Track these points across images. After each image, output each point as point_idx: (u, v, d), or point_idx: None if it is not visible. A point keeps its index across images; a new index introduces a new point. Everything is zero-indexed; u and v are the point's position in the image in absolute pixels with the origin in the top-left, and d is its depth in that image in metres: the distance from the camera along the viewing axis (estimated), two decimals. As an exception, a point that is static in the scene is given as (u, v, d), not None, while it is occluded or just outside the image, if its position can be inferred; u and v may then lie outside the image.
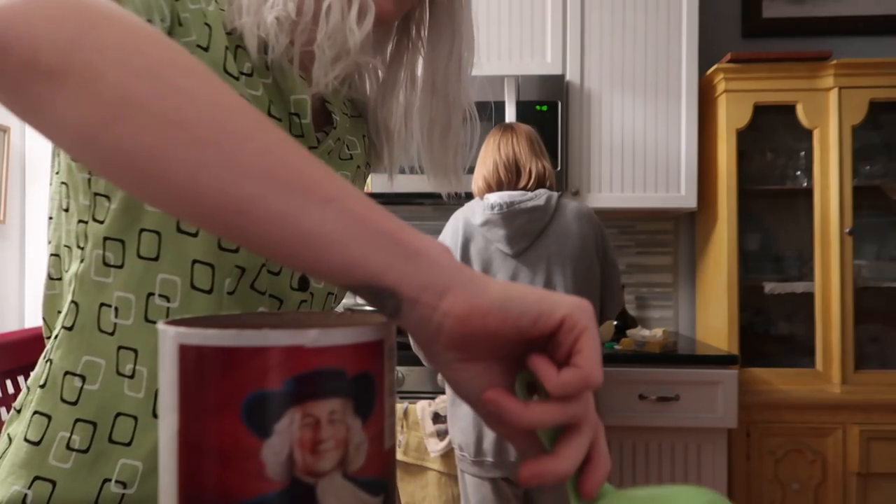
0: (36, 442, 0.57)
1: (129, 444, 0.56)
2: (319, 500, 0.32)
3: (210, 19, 0.57)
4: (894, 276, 2.35)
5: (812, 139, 2.28)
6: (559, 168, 2.29)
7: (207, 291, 0.58)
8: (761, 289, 2.37)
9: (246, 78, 0.59)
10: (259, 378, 0.31)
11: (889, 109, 2.37)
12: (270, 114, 0.61)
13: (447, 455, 1.91)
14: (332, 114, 0.68)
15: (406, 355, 2.01)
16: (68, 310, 0.58)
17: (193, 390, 0.31)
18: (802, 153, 2.42)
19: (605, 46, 2.38)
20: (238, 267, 0.59)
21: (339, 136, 0.68)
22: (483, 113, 2.21)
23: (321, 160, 0.43)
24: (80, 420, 0.56)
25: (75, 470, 0.56)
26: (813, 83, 2.25)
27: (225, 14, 0.59)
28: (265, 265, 0.61)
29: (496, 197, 1.66)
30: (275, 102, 0.62)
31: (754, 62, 2.25)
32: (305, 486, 0.31)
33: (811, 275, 2.32)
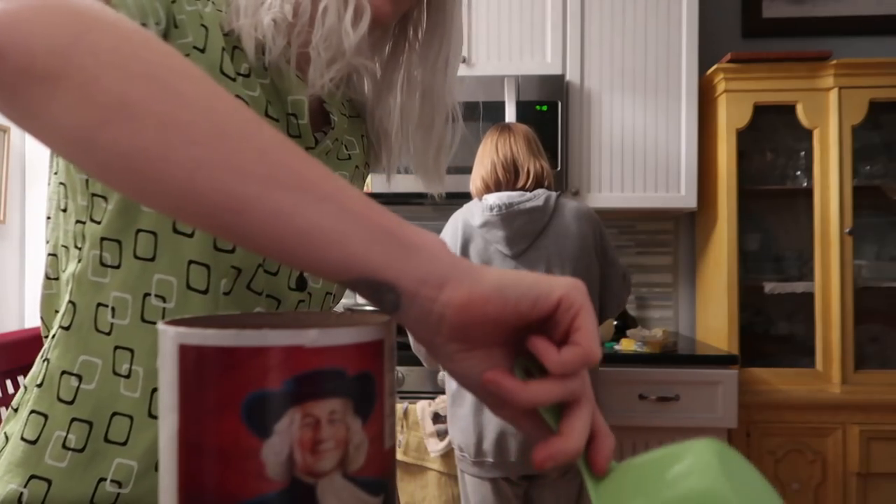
0: (32, 441, 0.57)
1: (124, 443, 0.57)
2: (319, 500, 0.32)
3: (206, 21, 0.57)
4: (894, 276, 2.35)
5: (812, 139, 2.28)
6: (559, 168, 2.29)
7: (203, 292, 0.58)
8: (761, 289, 2.37)
9: (243, 79, 0.59)
10: (259, 378, 0.31)
11: (889, 109, 2.37)
12: (268, 114, 0.61)
13: (447, 455, 1.91)
14: (330, 114, 0.68)
15: (406, 355, 2.01)
16: (65, 310, 0.58)
17: (193, 390, 0.31)
18: (802, 153, 2.42)
19: (605, 46, 2.38)
20: (234, 267, 0.59)
21: (337, 137, 0.69)
22: (473, 112, 2.21)
23: (319, 160, 0.44)
24: (76, 419, 0.56)
25: (71, 469, 0.56)
26: (813, 83, 2.25)
27: (223, 16, 0.59)
28: (261, 265, 0.61)
29: (495, 198, 1.66)
30: (272, 103, 0.62)
31: (754, 62, 2.25)
32: (305, 486, 0.31)
33: (811, 275, 2.32)
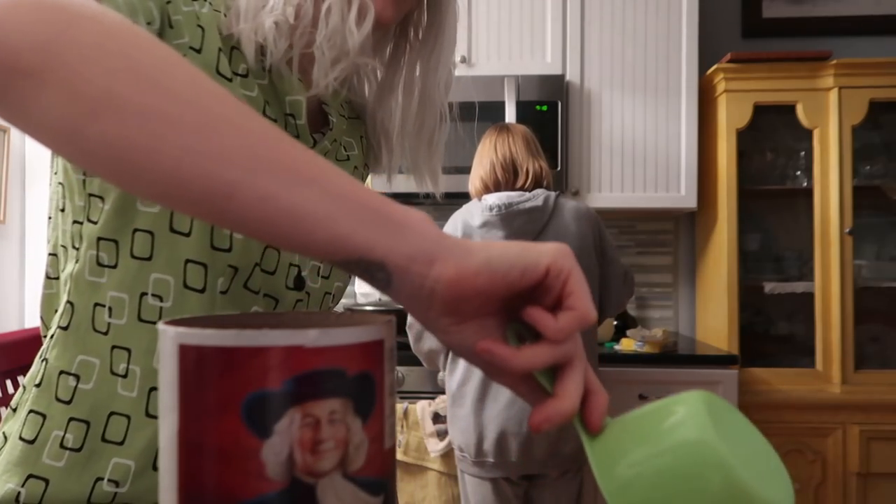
0: (30, 440, 0.57)
1: (121, 443, 0.57)
2: (319, 501, 0.32)
3: (203, 21, 0.57)
4: (894, 276, 2.35)
5: (812, 139, 2.28)
6: (559, 168, 2.29)
7: (200, 291, 0.58)
8: (761, 289, 2.37)
9: (241, 79, 0.59)
10: (259, 378, 0.31)
11: (889, 109, 2.37)
12: (266, 114, 0.61)
13: (447, 455, 1.91)
14: (328, 115, 0.69)
15: (406, 355, 2.01)
16: (64, 309, 0.58)
17: (193, 390, 0.31)
18: (802, 153, 2.42)
19: (605, 46, 2.38)
20: (231, 266, 0.59)
21: (335, 138, 0.69)
22: (471, 113, 2.21)
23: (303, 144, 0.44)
24: (73, 419, 0.57)
25: (68, 468, 0.56)
26: (813, 83, 2.25)
27: (221, 19, 0.59)
28: (258, 264, 0.61)
29: (494, 198, 1.66)
30: (270, 103, 0.62)
31: (754, 62, 2.25)
32: (305, 486, 0.31)
33: (811, 275, 2.32)
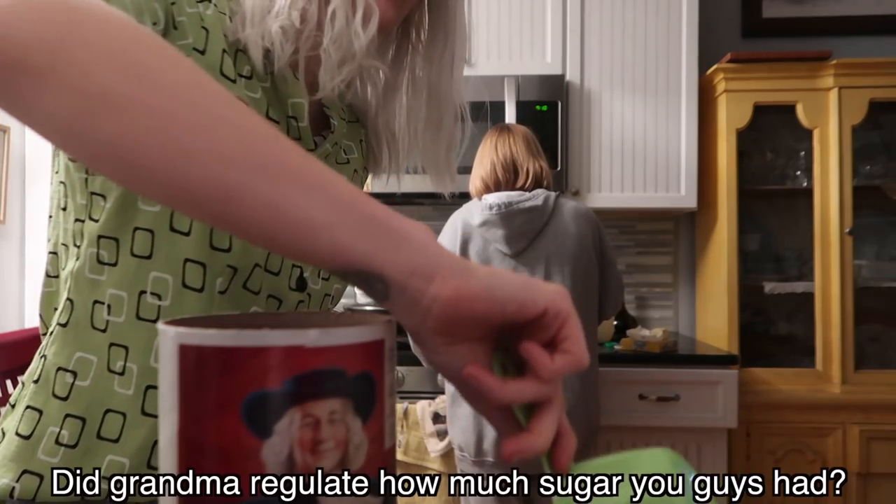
0: (26, 436, 0.57)
1: (116, 440, 0.57)
2: (319, 501, 0.32)
3: (208, 23, 0.58)
4: (894, 276, 2.35)
5: (812, 139, 2.28)
6: (559, 168, 2.29)
7: (199, 290, 0.58)
8: (761, 289, 2.37)
9: (245, 80, 0.60)
10: (259, 378, 0.31)
11: (889, 109, 2.37)
12: (268, 116, 0.61)
13: (447, 455, 1.91)
14: (330, 118, 0.69)
15: (406, 355, 2.01)
16: (63, 307, 0.59)
17: (193, 390, 0.31)
18: (802, 153, 2.42)
19: (605, 46, 2.38)
20: (230, 266, 0.59)
21: (336, 141, 0.69)
22: (479, 112, 2.21)
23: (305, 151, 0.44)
24: (69, 415, 0.57)
25: (63, 465, 0.57)
26: (813, 83, 2.25)
27: (227, 23, 0.59)
28: (258, 265, 0.61)
29: (494, 197, 1.66)
30: (273, 105, 0.62)
31: (754, 62, 2.25)
32: (305, 485, 0.31)
33: (811, 275, 2.31)
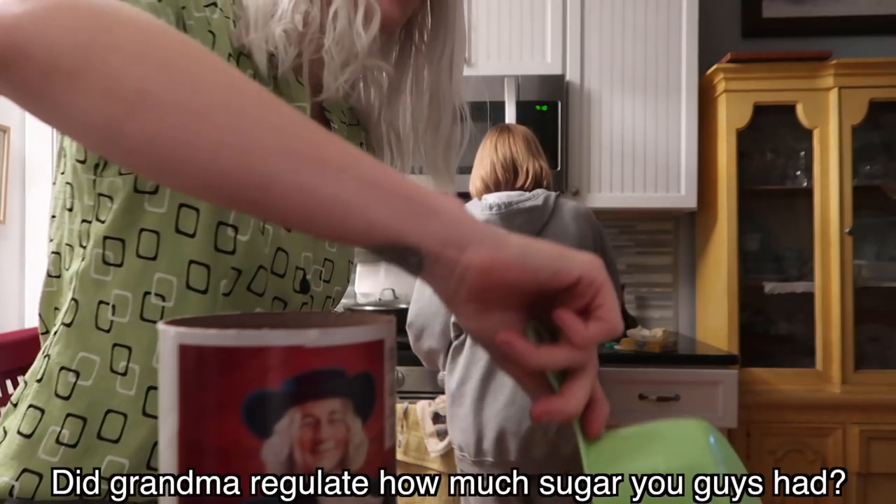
0: (28, 435, 0.58)
1: (117, 440, 0.57)
2: (319, 501, 0.32)
3: (214, 27, 0.58)
4: (894, 276, 2.35)
5: (812, 139, 2.28)
6: (559, 168, 2.29)
7: (202, 292, 0.58)
8: (761, 289, 2.37)
9: None
10: (259, 378, 0.31)
11: (889, 109, 2.37)
12: None
13: (447, 455, 1.91)
14: (330, 122, 0.70)
15: (406, 355, 2.01)
16: (68, 307, 0.59)
17: (193, 390, 0.31)
18: (802, 153, 2.42)
19: (605, 46, 2.38)
20: (234, 269, 0.59)
21: None
22: (479, 112, 2.21)
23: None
24: (70, 415, 0.57)
25: (62, 464, 0.57)
26: (813, 83, 2.25)
27: (231, 29, 0.60)
28: (263, 267, 0.61)
29: (494, 197, 1.66)
30: None
31: (754, 62, 2.25)
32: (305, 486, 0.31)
33: (811, 275, 2.31)
